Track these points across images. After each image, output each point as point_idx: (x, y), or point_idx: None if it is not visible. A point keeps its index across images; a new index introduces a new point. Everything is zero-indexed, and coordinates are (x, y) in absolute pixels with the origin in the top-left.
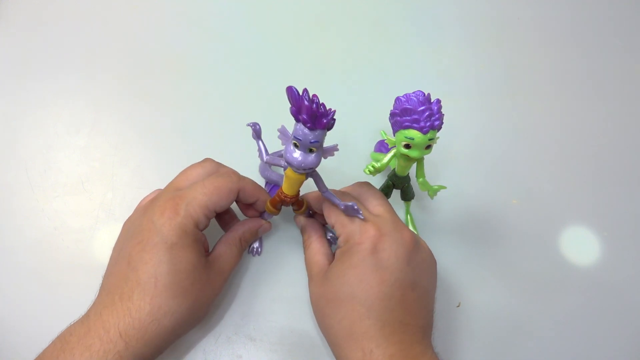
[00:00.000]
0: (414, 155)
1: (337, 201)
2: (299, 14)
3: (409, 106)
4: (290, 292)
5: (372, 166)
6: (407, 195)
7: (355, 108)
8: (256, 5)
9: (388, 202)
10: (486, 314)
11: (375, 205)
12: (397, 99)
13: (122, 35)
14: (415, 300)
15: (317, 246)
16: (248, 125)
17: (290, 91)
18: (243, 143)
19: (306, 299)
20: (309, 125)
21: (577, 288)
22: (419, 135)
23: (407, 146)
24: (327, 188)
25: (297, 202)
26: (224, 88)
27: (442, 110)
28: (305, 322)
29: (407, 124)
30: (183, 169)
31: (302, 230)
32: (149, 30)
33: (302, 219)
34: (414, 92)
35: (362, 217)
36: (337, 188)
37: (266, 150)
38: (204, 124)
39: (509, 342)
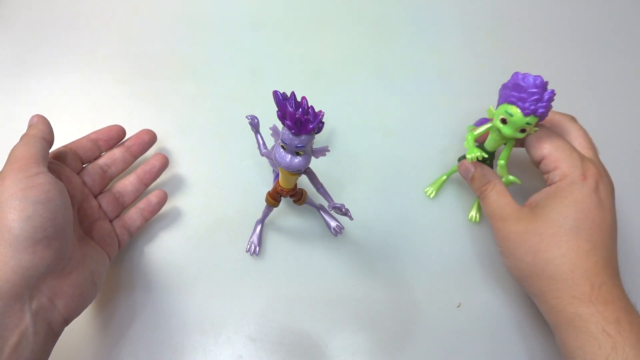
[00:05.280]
0: (507, 132)
1: (330, 199)
2: (299, 14)
3: (522, 84)
4: (290, 292)
5: (476, 152)
6: None
7: (355, 108)
8: (256, 5)
9: (594, 144)
10: (486, 314)
11: (584, 147)
12: (515, 74)
13: (122, 35)
14: (616, 243)
15: (504, 189)
16: (246, 117)
17: (276, 96)
18: (243, 143)
19: (307, 299)
20: (293, 131)
21: None
22: (519, 115)
23: (504, 121)
24: (321, 184)
25: (296, 194)
26: (224, 88)
27: (552, 102)
28: (305, 322)
29: (512, 99)
30: (183, 169)
31: (480, 175)
32: (149, 30)
33: (474, 164)
34: (535, 75)
35: (352, 219)
36: (335, 186)
37: (264, 144)
38: (204, 124)
39: (509, 342)
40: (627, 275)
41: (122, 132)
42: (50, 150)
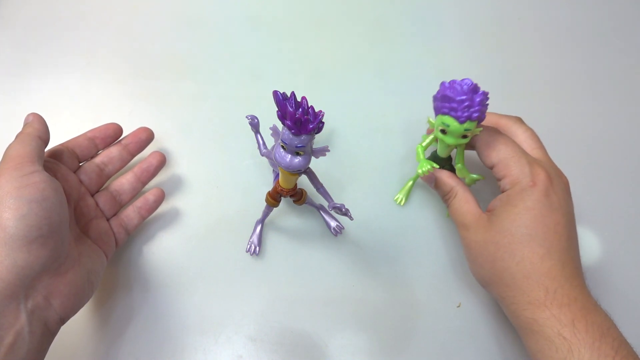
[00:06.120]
0: (449, 142)
1: (330, 199)
2: (299, 13)
3: (449, 94)
4: (290, 292)
5: (426, 166)
6: None
7: (355, 108)
8: (256, 5)
9: (542, 144)
10: (486, 314)
11: (533, 147)
12: (442, 84)
13: (122, 35)
14: (577, 242)
15: (467, 195)
16: (247, 117)
17: (276, 96)
18: (243, 143)
19: (307, 299)
20: (293, 131)
21: None
22: (455, 124)
23: (443, 131)
24: (321, 184)
25: (296, 194)
26: (224, 88)
27: (486, 103)
28: (305, 322)
29: (445, 110)
30: (183, 169)
31: (441, 183)
32: (149, 30)
33: (435, 171)
34: (461, 80)
35: (352, 219)
36: (335, 186)
37: (264, 144)
38: (204, 124)
39: (509, 342)
40: (585, 271)
41: (119, 130)
42: (47, 149)
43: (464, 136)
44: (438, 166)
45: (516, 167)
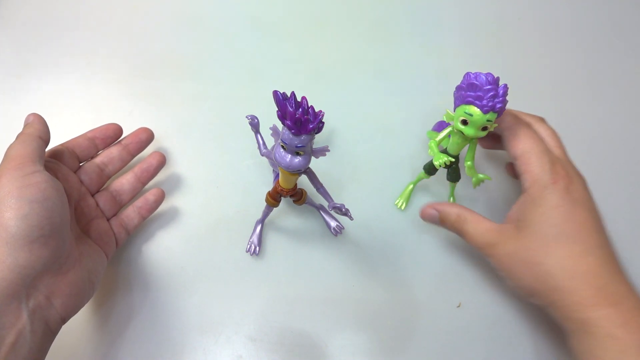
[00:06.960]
0: (469, 133)
1: (330, 199)
2: (299, 14)
3: (476, 82)
4: (290, 292)
5: (443, 157)
6: (453, 177)
7: (355, 108)
8: (256, 5)
9: (563, 144)
10: (486, 314)
11: (552, 146)
12: (467, 74)
13: (122, 35)
14: (608, 238)
15: (476, 215)
16: (246, 117)
17: (276, 96)
18: (243, 143)
19: (307, 299)
20: (293, 131)
21: None
22: (479, 113)
23: (465, 122)
24: (321, 184)
25: (296, 194)
26: (224, 88)
27: (507, 96)
28: (305, 322)
29: (469, 99)
30: (183, 169)
31: (446, 213)
32: (149, 30)
33: (435, 208)
34: (485, 73)
35: (352, 219)
36: (335, 186)
37: (264, 144)
38: (204, 124)
39: (509, 342)
40: None
41: (119, 130)
42: (47, 149)
43: (484, 128)
44: (453, 159)
45: (537, 163)
